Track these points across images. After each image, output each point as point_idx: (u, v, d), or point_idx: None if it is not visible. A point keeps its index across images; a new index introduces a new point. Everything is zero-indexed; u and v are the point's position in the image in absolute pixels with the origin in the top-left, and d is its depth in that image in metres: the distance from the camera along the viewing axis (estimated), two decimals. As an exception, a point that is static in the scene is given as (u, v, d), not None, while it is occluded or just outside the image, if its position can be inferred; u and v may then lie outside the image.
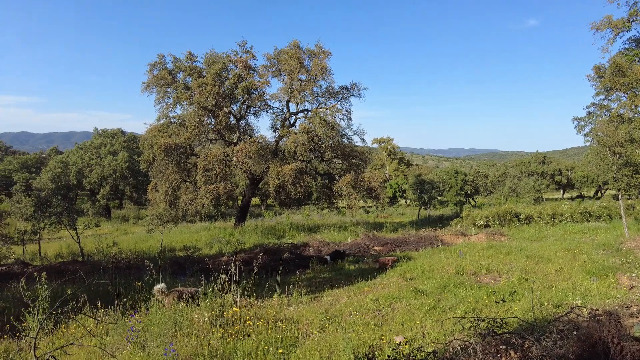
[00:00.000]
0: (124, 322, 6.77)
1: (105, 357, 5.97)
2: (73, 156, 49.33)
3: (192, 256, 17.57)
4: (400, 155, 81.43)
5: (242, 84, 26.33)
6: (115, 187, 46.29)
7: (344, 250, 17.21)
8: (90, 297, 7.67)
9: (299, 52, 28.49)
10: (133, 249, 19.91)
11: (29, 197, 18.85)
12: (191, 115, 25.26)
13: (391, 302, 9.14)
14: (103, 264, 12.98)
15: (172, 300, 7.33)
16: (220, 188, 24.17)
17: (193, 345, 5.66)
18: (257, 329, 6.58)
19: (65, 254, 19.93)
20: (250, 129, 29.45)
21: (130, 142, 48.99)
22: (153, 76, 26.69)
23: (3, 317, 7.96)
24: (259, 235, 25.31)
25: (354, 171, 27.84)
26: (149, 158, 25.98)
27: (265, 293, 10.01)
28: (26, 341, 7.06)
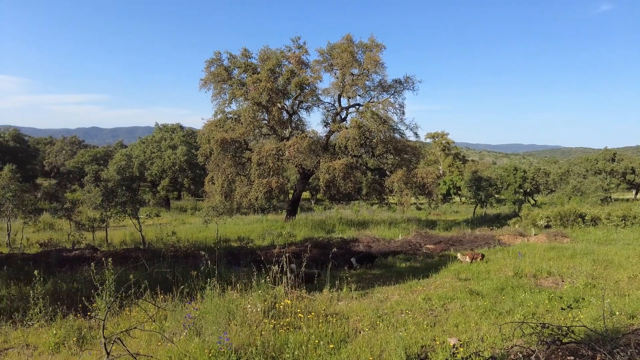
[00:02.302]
0: (182, 309, 7.07)
1: (164, 341, 6.28)
2: (136, 149, 52.50)
3: (245, 247, 18.08)
4: (455, 150, 78.74)
5: (294, 80, 26.59)
6: (175, 179, 48.66)
7: (375, 254, 16.50)
8: (151, 284, 8.08)
9: (352, 46, 28.29)
10: (190, 238, 20.82)
11: (98, 188, 20.30)
12: (246, 111, 25.91)
13: (444, 303, 8.85)
14: (163, 252, 13.69)
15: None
16: (273, 182, 24.65)
17: (246, 335, 5.79)
18: (307, 322, 6.61)
19: (128, 241, 21.24)
20: (302, 124, 29.75)
21: (188, 137, 51.24)
22: (210, 73, 27.65)
23: (76, 297, 8.62)
24: (309, 229, 25.55)
25: (406, 167, 27.28)
26: (206, 152, 27.00)
27: (315, 286, 10.07)
28: (95, 321, 7.60)
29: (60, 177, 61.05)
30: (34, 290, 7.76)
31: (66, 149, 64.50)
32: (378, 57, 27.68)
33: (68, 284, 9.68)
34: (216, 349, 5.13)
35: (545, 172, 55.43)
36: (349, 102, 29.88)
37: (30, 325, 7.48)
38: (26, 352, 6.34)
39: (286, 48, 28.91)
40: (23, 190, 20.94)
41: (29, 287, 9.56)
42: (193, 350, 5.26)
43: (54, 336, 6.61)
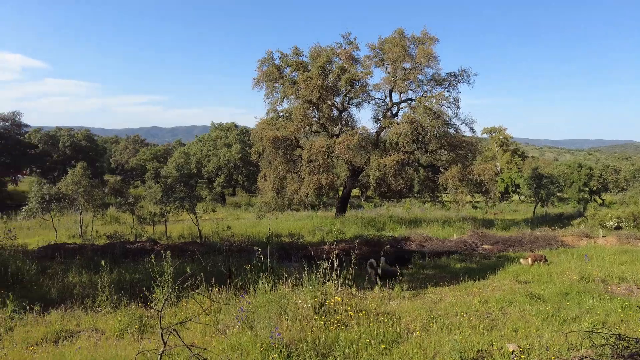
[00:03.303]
0: (235, 302, 7.25)
1: (217, 333, 6.46)
2: (194, 148, 54.85)
3: (296, 243, 18.31)
4: (513, 146, 74.88)
5: (345, 76, 26.47)
6: (230, 176, 50.32)
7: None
8: (207, 276, 8.37)
9: (404, 40, 27.69)
10: (244, 233, 21.42)
11: (157, 184, 21.41)
12: (297, 109, 26.17)
13: (502, 306, 8.41)
14: (218, 246, 14.19)
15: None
16: (323, 179, 24.73)
17: (296, 331, 5.83)
18: (358, 320, 6.54)
19: (186, 235, 22.23)
20: (352, 121, 29.56)
21: (242, 135, 52.75)
22: (262, 72, 28.19)
23: (138, 287, 9.13)
24: (359, 227, 25.38)
25: (462, 163, 26.29)
26: (259, 150, 27.60)
27: (365, 285, 9.96)
28: (155, 310, 8.00)
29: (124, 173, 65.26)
30: (101, 279, 8.30)
31: (130, 147, 68.74)
32: (431, 50, 26.87)
33: (131, 275, 10.28)
34: (268, 343, 5.19)
35: (614, 169, 51.21)
36: (400, 97, 29.32)
37: (99, 311, 8.02)
38: (95, 335, 6.80)
39: (336, 45, 28.85)
40: (93, 186, 22.58)
41: (98, 276, 10.26)
42: (245, 343, 5.36)
43: (118, 323, 7.03)
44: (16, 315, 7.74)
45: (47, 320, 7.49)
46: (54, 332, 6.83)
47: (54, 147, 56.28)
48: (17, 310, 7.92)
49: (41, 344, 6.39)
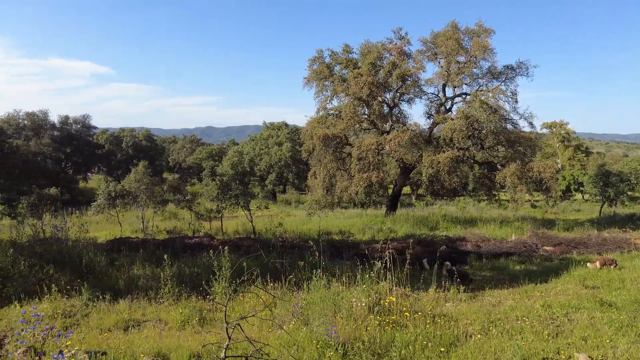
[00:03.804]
0: (290, 297, 7.37)
1: (274, 328, 6.60)
2: (246, 147, 56.39)
3: (346, 240, 18.29)
4: (576, 141, 70.16)
5: (396, 72, 26.02)
6: (280, 174, 51.28)
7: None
8: (261, 272, 8.57)
9: (457, 32, 26.75)
10: (295, 230, 21.74)
11: (214, 182, 22.23)
12: (347, 107, 26.10)
13: (568, 312, 7.91)
14: (272, 243, 14.52)
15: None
16: (373, 176, 24.50)
17: (351, 329, 5.81)
18: (414, 321, 6.41)
19: (240, 230, 22.91)
20: (403, 117, 29.02)
21: (292, 134, 53.53)
22: (312, 71, 28.38)
23: (197, 280, 9.55)
24: (411, 225, 24.90)
25: (520, 160, 24.99)
26: (309, 148, 27.84)
27: (419, 285, 9.76)
28: (214, 303, 8.31)
29: (181, 172, 68.37)
30: (164, 273, 8.75)
31: (186, 146, 71.90)
32: (487, 43, 25.75)
33: (190, 269, 10.75)
34: (324, 341, 5.22)
35: (698, 165, 46.43)
36: (454, 92, 28.38)
37: (161, 302, 8.46)
38: (159, 326, 7.18)
39: (387, 40, 28.41)
40: (154, 184, 23.89)
41: (160, 269, 10.82)
42: (301, 339, 5.43)
43: (180, 315, 7.38)
44: (90, 302, 8.36)
45: (116, 309, 8.01)
46: (123, 321, 7.29)
47: (118, 147, 60.12)
48: (91, 298, 8.55)
49: (113, 330, 6.85)
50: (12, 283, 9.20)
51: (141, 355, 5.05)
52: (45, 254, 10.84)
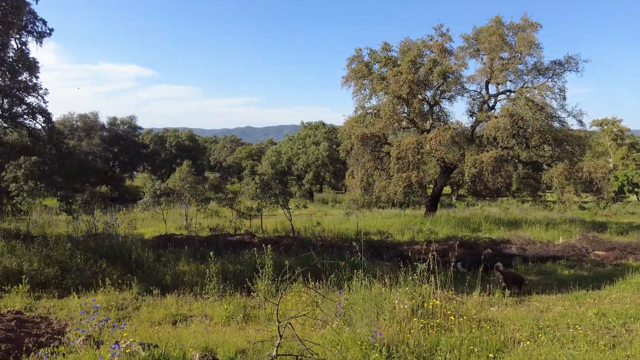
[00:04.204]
0: (331, 297, 7.39)
1: (316, 327, 6.65)
2: (284, 146, 57.08)
3: (385, 241, 18.15)
4: (630, 139, 65.98)
5: (437, 69, 25.50)
6: (317, 173, 51.57)
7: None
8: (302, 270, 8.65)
9: (501, 28, 25.88)
10: (333, 229, 21.76)
11: (253, 181, 22.66)
12: (386, 105, 25.85)
13: (625, 322, 7.46)
14: (313, 241, 14.65)
15: None
16: (413, 176, 24.13)
17: (395, 332, 5.76)
18: (459, 325, 6.27)
19: (279, 229, 23.21)
20: (444, 115, 28.42)
21: (330, 133, 53.66)
22: (351, 70, 28.30)
23: (240, 277, 9.78)
24: (452, 227, 24.31)
25: (569, 159, 23.84)
26: (347, 147, 27.81)
27: (463, 288, 9.52)
28: (256, 300, 8.49)
29: (222, 170, 70.12)
30: (209, 269, 9.03)
31: (227, 146, 73.68)
32: (533, 37, 24.75)
33: (233, 266, 11.03)
34: (368, 342, 5.21)
35: None
36: (497, 89, 27.46)
37: (207, 298, 8.73)
38: (205, 321, 7.41)
39: (428, 37, 27.89)
40: (197, 182, 24.66)
41: (204, 266, 11.17)
42: (345, 339, 5.44)
43: (225, 310, 7.58)
44: (140, 296, 8.75)
45: (164, 303, 8.34)
46: (171, 315, 7.58)
47: (162, 146, 62.45)
48: (141, 292, 8.96)
49: (162, 324, 7.14)
50: (71, 275, 9.80)
51: (190, 349, 5.23)
52: (98, 248, 11.46)
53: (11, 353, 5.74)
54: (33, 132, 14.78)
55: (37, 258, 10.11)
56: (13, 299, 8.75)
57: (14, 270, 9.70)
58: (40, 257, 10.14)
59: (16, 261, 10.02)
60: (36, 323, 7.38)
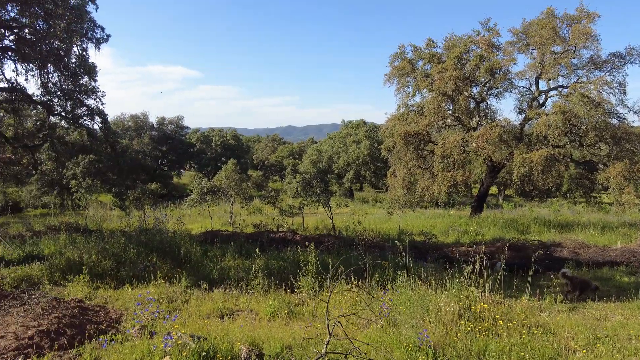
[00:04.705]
0: (375, 297, 7.36)
1: (359, 326, 6.65)
2: (325, 145, 57.26)
3: (429, 242, 17.79)
4: (700, 137, 60.71)
5: (484, 65, 24.67)
6: (358, 172, 51.37)
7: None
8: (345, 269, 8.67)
9: (554, 20, 24.59)
10: (374, 228, 21.62)
11: (295, 179, 22.92)
12: (430, 102, 25.33)
13: (696, 335, 6.92)
14: (355, 241, 14.64)
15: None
16: (458, 175, 23.49)
17: (441, 334, 5.66)
18: (508, 330, 6.06)
19: (320, 227, 23.34)
20: (491, 112, 27.46)
21: (371, 132, 53.28)
22: (394, 67, 27.94)
23: (284, 274, 9.94)
24: (498, 228, 23.46)
25: (629, 159, 22.32)
26: (389, 146, 27.50)
27: (511, 292, 9.19)
28: (300, 297, 8.60)
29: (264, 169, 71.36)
30: (254, 265, 9.24)
31: (269, 145, 74.90)
32: (589, 29, 23.32)
33: (277, 262, 11.21)
34: (414, 344, 5.15)
35: None
36: (548, 85, 26.16)
37: (252, 293, 8.94)
38: (250, 316, 7.60)
39: (474, 32, 27.03)
40: (242, 180, 25.30)
41: (249, 261, 11.44)
42: (389, 340, 5.40)
43: (269, 306, 7.73)
44: (189, 290, 9.11)
45: (211, 297, 8.62)
46: (218, 309, 7.83)
47: (207, 145, 64.44)
48: (189, 286, 9.31)
49: (210, 317, 7.39)
50: (125, 268, 10.35)
51: (237, 343, 5.38)
52: (150, 243, 12.00)
53: (76, 337, 6.15)
54: (91, 132, 15.74)
55: (95, 251, 10.75)
56: (75, 287, 9.38)
57: (76, 262, 10.37)
58: (98, 250, 10.78)
59: (77, 253, 10.71)
60: (95, 311, 7.87)
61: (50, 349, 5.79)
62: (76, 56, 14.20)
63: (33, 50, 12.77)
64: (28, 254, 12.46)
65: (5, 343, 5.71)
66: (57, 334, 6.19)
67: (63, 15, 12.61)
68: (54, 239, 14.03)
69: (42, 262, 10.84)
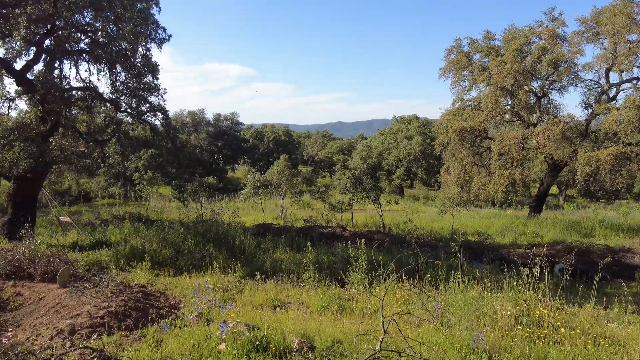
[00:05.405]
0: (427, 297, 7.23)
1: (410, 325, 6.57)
2: (375, 141, 56.69)
3: (484, 242, 17.17)
4: None
5: (547, 57, 23.25)
6: (409, 168, 50.41)
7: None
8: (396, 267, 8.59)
9: (630, 5, 22.62)
10: (425, 227, 21.19)
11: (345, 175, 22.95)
12: (487, 97, 24.30)
13: None
14: (407, 239, 14.45)
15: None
16: (516, 174, 22.39)
17: (497, 338, 5.47)
18: (570, 339, 5.73)
19: (369, 223, 23.22)
20: (553, 107, 25.85)
21: (423, 127, 52.04)
22: (449, 61, 27.08)
23: (333, 269, 10.01)
24: (559, 230, 22.14)
25: None
26: (443, 142, 26.74)
27: (574, 299, 8.65)
28: (350, 292, 8.63)
29: (314, 164, 72.00)
30: (305, 258, 9.39)
31: (319, 141, 75.42)
32: (676, 13, 21.30)
33: (327, 257, 11.32)
34: (467, 346, 5.02)
35: None
36: (621, 77, 24.18)
37: (303, 286, 9.10)
38: (302, 308, 7.74)
39: (536, 23, 25.52)
40: (293, 175, 25.76)
41: (300, 255, 11.64)
42: (442, 341, 5.30)
43: (320, 300, 7.83)
44: (243, 280, 9.43)
45: (264, 288, 8.88)
46: (270, 300, 8.05)
47: (260, 141, 66.02)
48: (243, 276, 9.64)
49: (263, 307, 7.62)
50: (183, 257, 10.90)
51: (289, 335, 5.50)
52: (206, 233, 12.55)
53: (139, 320, 6.59)
54: (154, 128, 16.66)
55: (156, 240, 11.41)
56: (138, 273, 10.03)
57: (139, 249, 11.08)
58: (158, 239, 11.44)
59: (140, 241, 11.43)
60: (156, 297, 8.37)
61: (118, 328, 6.24)
62: (141, 56, 15.09)
63: (104, 52, 13.73)
64: (97, 240, 13.49)
65: (81, 320, 6.23)
66: (123, 316, 6.67)
67: (131, 18, 13.44)
68: (119, 228, 15.07)
69: (110, 249, 11.70)
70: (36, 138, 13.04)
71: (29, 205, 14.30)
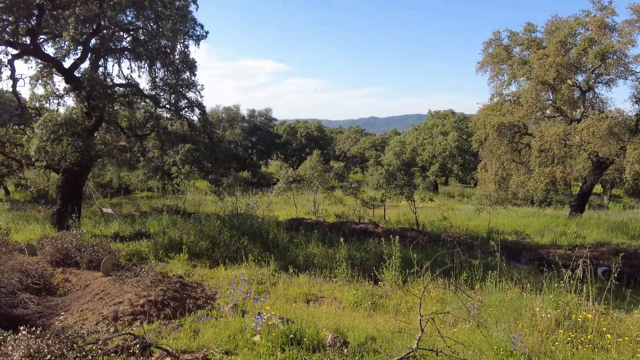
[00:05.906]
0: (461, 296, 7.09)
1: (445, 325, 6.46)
2: (409, 136, 55.85)
3: (522, 242, 16.63)
4: None
5: (594, 49, 22.09)
6: (444, 165, 49.37)
7: None
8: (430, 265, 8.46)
9: (688, -7, 21.19)
10: (460, 225, 20.74)
11: (378, 171, 22.77)
12: (528, 92, 23.39)
13: None
14: (442, 237, 14.21)
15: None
16: (558, 171, 21.48)
17: (536, 342, 5.29)
18: (617, 346, 5.47)
19: (402, 220, 22.97)
20: (599, 102, 24.53)
21: (459, 123, 50.79)
22: (488, 54, 26.24)
23: (366, 265, 9.98)
24: (603, 231, 21.11)
25: None
26: (480, 138, 26.00)
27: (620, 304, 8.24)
28: (383, 289, 8.58)
29: (346, 160, 71.83)
30: (338, 254, 9.40)
31: (351, 137, 75.09)
32: None
33: (360, 253, 11.29)
34: (505, 348, 4.88)
35: None
36: (677, 69, 22.72)
37: (335, 281, 9.13)
38: (334, 303, 7.77)
39: (583, 13, 24.26)
40: (325, 171, 25.82)
41: (332, 250, 11.67)
42: (479, 342, 5.18)
43: (353, 296, 7.83)
44: (276, 273, 9.56)
45: (297, 282, 8.96)
46: (303, 294, 8.12)
47: (293, 137, 66.51)
48: (277, 270, 9.77)
49: (297, 301, 7.70)
50: (219, 249, 11.16)
51: (323, 329, 5.54)
52: (241, 227, 12.79)
53: (177, 310, 6.82)
54: (191, 123, 17.09)
55: (194, 232, 11.74)
56: (175, 264, 10.36)
57: (176, 241, 11.43)
58: (195, 232, 11.75)
59: (178, 233, 11.80)
60: (193, 287, 8.62)
61: (158, 317, 6.48)
62: (179, 53, 15.50)
63: (145, 49, 14.21)
64: (137, 231, 14.03)
65: (123, 308, 6.52)
66: (162, 305, 6.91)
67: (170, 16, 13.84)
68: (158, 220, 15.60)
69: (149, 240, 12.14)
70: (82, 133, 13.69)
71: (75, 197, 15.06)
